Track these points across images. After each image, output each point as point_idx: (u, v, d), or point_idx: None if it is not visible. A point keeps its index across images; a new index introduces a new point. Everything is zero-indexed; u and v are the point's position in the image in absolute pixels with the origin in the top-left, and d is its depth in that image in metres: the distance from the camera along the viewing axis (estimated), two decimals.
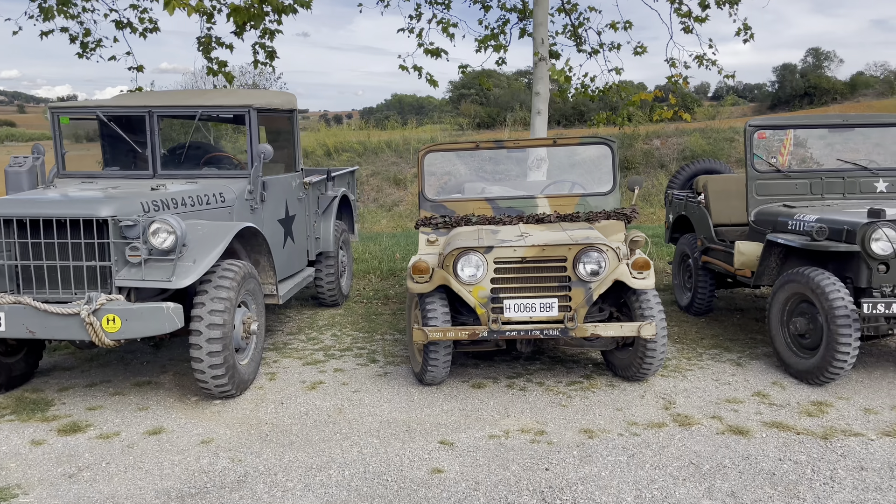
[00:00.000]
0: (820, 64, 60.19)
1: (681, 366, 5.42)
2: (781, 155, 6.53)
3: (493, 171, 6.65)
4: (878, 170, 5.78)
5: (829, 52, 64.56)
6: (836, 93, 51.76)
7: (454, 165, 6.22)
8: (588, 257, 4.68)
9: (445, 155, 6.00)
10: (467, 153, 6.07)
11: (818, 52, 61.18)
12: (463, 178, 6.26)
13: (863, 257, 4.69)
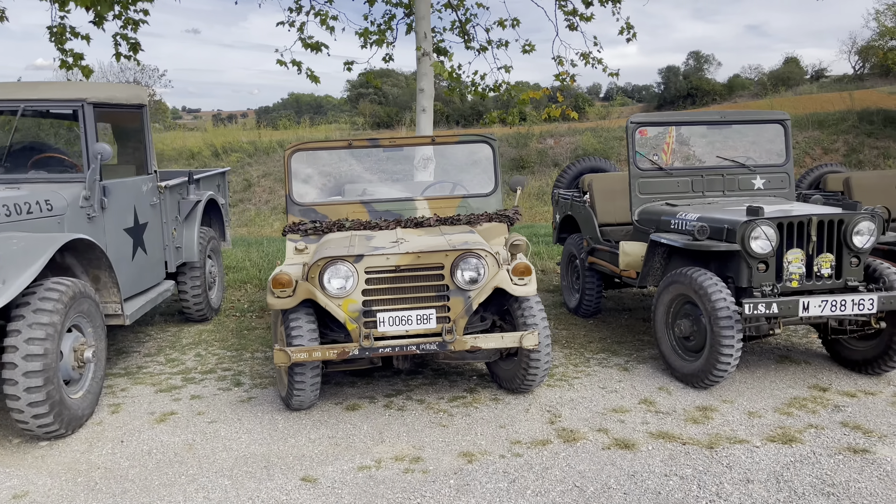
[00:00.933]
0: (700, 66, 63.65)
1: (568, 374, 5.18)
2: (665, 153, 6.47)
3: (381, 172, 6.20)
4: (756, 167, 5.79)
5: (709, 55, 68.43)
6: (715, 94, 54.75)
7: (335, 166, 5.72)
8: (466, 264, 4.33)
9: (323, 155, 5.50)
10: (347, 152, 5.58)
11: (699, 56, 64.70)
12: (344, 180, 5.78)
13: (743, 256, 4.59)
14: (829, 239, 4.67)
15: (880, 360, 4.84)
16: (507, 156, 27.80)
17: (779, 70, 55.59)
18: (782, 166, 5.81)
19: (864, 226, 4.63)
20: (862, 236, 4.63)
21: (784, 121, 5.83)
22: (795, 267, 4.65)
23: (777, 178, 5.79)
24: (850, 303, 4.47)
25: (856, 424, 4.14)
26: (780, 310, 4.42)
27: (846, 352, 5.11)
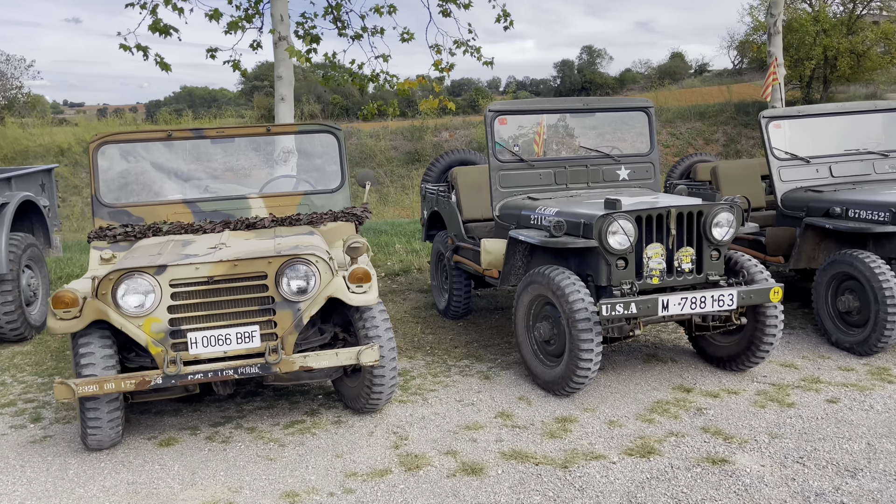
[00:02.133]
0: (593, 61, 65.43)
1: (425, 386, 4.72)
2: (536, 144, 6.13)
3: (210, 167, 5.47)
4: (620, 157, 5.53)
5: (601, 49, 70.49)
6: (608, 87, 56.33)
7: (152, 160, 4.98)
8: (293, 271, 3.76)
9: (137, 148, 4.76)
10: (166, 145, 4.86)
11: (591, 50, 66.45)
12: (164, 176, 5.04)
13: (601, 253, 4.27)
14: (688, 232, 4.43)
15: (744, 356, 4.66)
16: (401, 149, 27.30)
17: (666, 64, 57.81)
18: (647, 156, 5.58)
19: (724, 217, 4.41)
20: (721, 228, 4.42)
21: (647, 108, 5.60)
22: (656, 262, 4.38)
23: (642, 169, 5.56)
24: (709, 299, 4.23)
25: (717, 429, 3.89)
26: (639, 309, 4.12)
27: (711, 348, 4.92)
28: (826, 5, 24.88)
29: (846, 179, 5.84)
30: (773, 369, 4.81)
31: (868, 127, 6.16)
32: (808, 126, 6.04)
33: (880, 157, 5.94)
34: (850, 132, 6.11)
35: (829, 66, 24.08)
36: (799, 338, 5.48)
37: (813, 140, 6.01)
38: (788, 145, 5.92)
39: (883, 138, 6.14)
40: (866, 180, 5.87)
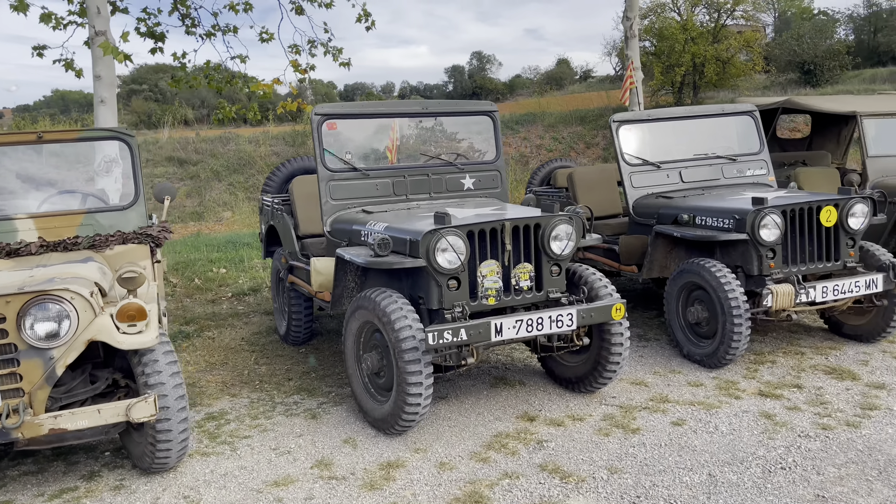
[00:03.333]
0: (483, 66, 66.37)
1: (240, 430, 4.09)
2: (390, 151, 5.62)
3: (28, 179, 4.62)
4: (464, 165, 5.12)
5: (490, 55, 71.65)
6: (498, 92, 57.16)
7: None
8: (41, 312, 3.05)
9: None
10: None
11: (481, 56, 67.50)
12: None
13: (430, 273, 3.81)
14: (526, 246, 4.05)
15: (592, 377, 4.35)
16: (283, 155, 26.15)
17: (552, 70, 59.31)
18: (493, 163, 5.21)
19: (562, 230, 4.07)
20: (560, 241, 4.07)
21: (491, 113, 5.23)
22: (491, 281, 3.96)
23: (488, 177, 5.17)
24: (546, 321, 3.86)
25: (555, 466, 3.51)
26: (470, 335, 3.68)
27: (560, 369, 4.58)
28: (693, 14, 26.05)
29: (696, 185, 5.71)
30: (622, 388, 4.53)
31: (720, 131, 6.08)
32: (659, 130, 5.88)
33: (729, 162, 5.86)
34: (702, 136, 6.00)
35: (697, 73, 25.18)
36: (653, 350, 5.27)
37: (664, 145, 5.85)
38: (639, 150, 5.73)
39: (734, 142, 6.07)
40: (716, 185, 5.77)
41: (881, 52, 40.49)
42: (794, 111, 7.35)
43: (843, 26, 48.75)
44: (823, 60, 33.44)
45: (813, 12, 51.26)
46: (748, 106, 6.08)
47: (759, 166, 5.95)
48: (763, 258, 4.69)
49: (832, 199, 4.80)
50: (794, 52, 34.62)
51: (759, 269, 4.72)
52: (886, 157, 6.16)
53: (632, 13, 8.02)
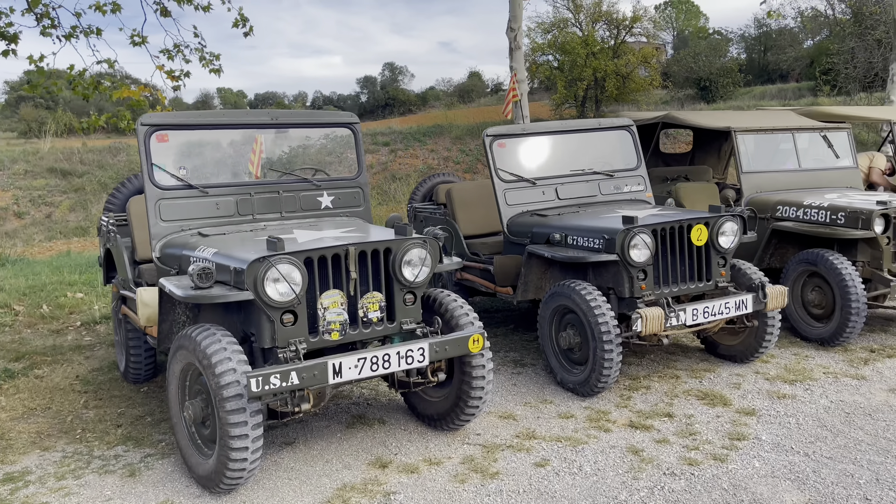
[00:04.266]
0: (395, 77, 66.24)
1: (35, 497, 3.46)
2: (252, 164, 5.10)
3: None
4: (323, 181, 4.68)
5: (403, 67, 71.61)
6: (411, 104, 57.03)
7: None
8: None
9: None
10: None
11: (393, 67, 67.36)
12: None
13: (260, 307, 3.34)
14: (375, 273, 3.65)
15: (454, 414, 3.98)
16: None
17: (464, 83, 59.77)
18: (354, 179, 4.79)
19: (415, 254, 3.68)
20: (413, 267, 3.68)
21: (352, 125, 4.82)
22: (334, 314, 3.53)
23: (349, 195, 4.74)
24: (395, 357, 3.46)
25: None
26: (303, 379, 3.23)
27: (422, 405, 4.20)
28: (594, 30, 26.68)
29: (572, 202, 5.49)
30: (489, 424, 4.18)
31: (598, 146, 5.89)
32: (535, 145, 5.63)
33: (606, 178, 5.68)
34: (579, 151, 5.80)
35: (599, 87, 25.80)
36: (528, 378, 4.98)
37: (540, 160, 5.61)
38: (514, 166, 5.46)
39: (612, 157, 5.90)
40: (593, 202, 5.57)
41: (770, 70, 43.03)
42: (674, 126, 7.33)
43: (736, 45, 51.69)
44: (718, 77, 35.13)
45: (708, 31, 54.11)
46: (625, 120, 5.94)
47: (637, 182, 5.80)
48: (634, 280, 4.48)
49: (702, 218, 4.65)
50: (691, 69, 36.23)
51: (630, 291, 4.50)
52: (761, 173, 6.17)
53: (515, 24, 7.83)
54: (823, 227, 5.42)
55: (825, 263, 5.24)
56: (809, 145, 6.52)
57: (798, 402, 4.35)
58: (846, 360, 5.04)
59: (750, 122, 6.42)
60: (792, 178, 6.27)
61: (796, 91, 33.74)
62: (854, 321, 5.10)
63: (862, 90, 24.94)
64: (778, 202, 5.87)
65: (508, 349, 5.62)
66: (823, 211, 5.50)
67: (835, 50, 24.71)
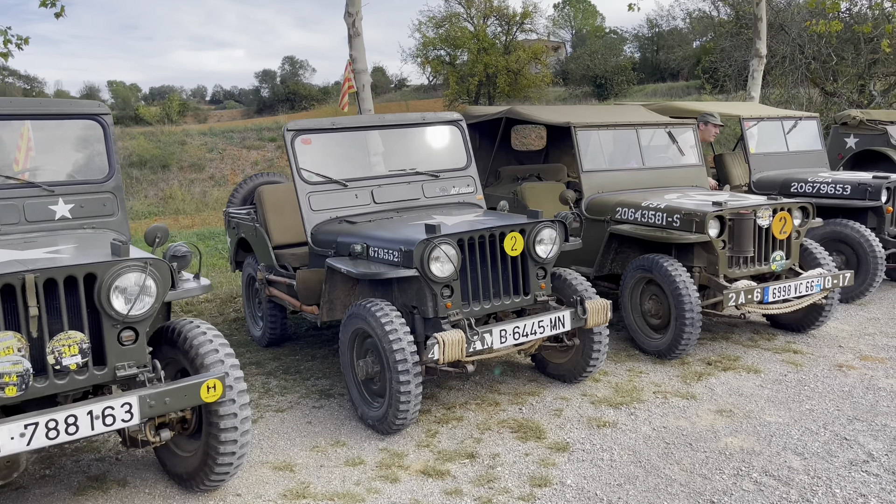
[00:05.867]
0: (296, 72, 64.38)
1: None
2: (17, 162, 4.14)
3: None
4: (56, 184, 3.81)
5: (304, 60, 69.67)
6: (312, 98, 55.47)
7: None
8: None
9: None
10: None
11: (294, 61, 65.45)
12: None
13: None
14: (74, 306, 2.85)
15: (203, 474, 3.23)
16: None
17: None
18: (101, 182, 3.94)
19: (130, 280, 2.91)
20: (128, 298, 2.91)
21: (99, 116, 3.96)
22: (7, 364, 2.71)
23: (94, 202, 3.89)
24: (84, 419, 2.68)
25: None
26: None
27: (172, 461, 3.43)
28: (485, 25, 26.39)
29: (391, 206, 4.84)
30: (257, 478, 3.47)
31: (423, 143, 5.28)
32: (348, 142, 4.95)
33: (431, 179, 5.07)
34: (402, 149, 5.16)
35: (491, 84, 25.52)
36: (328, 413, 4.30)
37: (354, 159, 4.94)
38: (322, 165, 4.75)
39: (440, 156, 5.29)
40: (415, 206, 4.94)
41: (662, 69, 44.44)
42: (518, 121, 6.83)
43: (631, 44, 53.23)
44: (613, 75, 35.81)
45: (605, 31, 55.42)
46: (454, 115, 5.35)
47: (466, 183, 5.22)
48: (438, 297, 3.87)
49: (517, 225, 4.10)
50: (587, 68, 36.76)
51: (434, 311, 3.89)
52: (602, 172, 5.74)
53: (353, 8, 7.11)
54: (659, 231, 5.02)
55: (659, 270, 4.84)
56: (655, 142, 6.16)
57: (618, 431, 3.87)
58: (680, 376, 4.65)
59: (592, 117, 5.99)
60: (635, 178, 5.88)
61: (685, 89, 34.87)
62: (689, 332, 4.72)
63: (742, 88, 25.88)
64: (617, 203, 5.44)
65: (320, 376, 4.92)
66: (660, 213, 5.10)
67: (713, 49, 25.48)
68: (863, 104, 17.80)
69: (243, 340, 5.85)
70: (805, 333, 5.43)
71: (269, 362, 5.25)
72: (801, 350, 5.08)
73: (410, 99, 38.46)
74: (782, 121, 7.30)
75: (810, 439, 3.68)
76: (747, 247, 4.89)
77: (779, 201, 5.05)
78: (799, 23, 17.76)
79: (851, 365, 4.75)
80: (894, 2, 14.44)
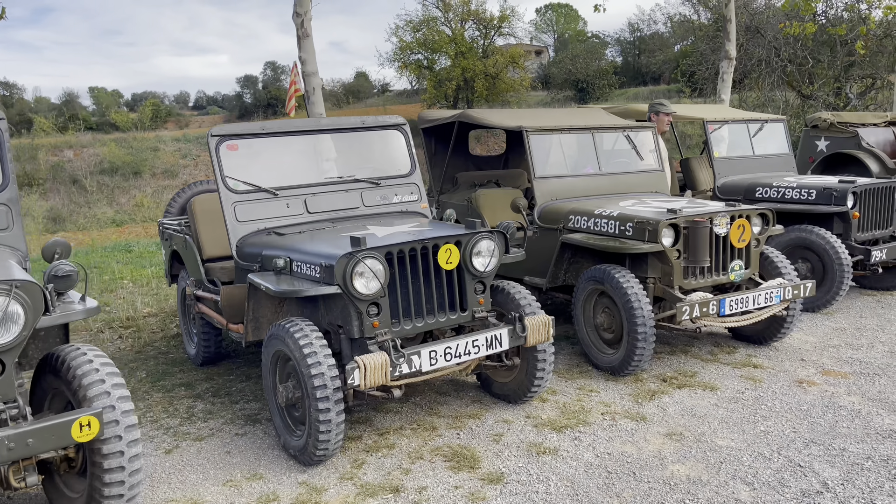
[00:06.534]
0: (277, 77, 64.00)
1: None
2: None
3: None
4: None
5: (285, 66, 69.18)
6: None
7: None
8: None
9: None
10: None
11: (275, 66, 65.06)
12: None
13: None
14: None
15: None
16: None
17: (351, 83, 58.47)
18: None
19: None
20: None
21: None
22: None
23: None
24: None
25: None
26: None
27: (59, 500, 3.10)
28: (463, 29, 26.17)
29: (325, 216, 4.54)
30: None
31: (364, 148, 4.99)
32: (279, 148, 4.64)
33: (371, 186, 4.77)
34: (340, 155, 4.87)
35: (469, 88, 25.28)
36: (251, 441, 3.98)
37: (286, 166, 4.64)
38: (250, 173, 4.45)
39: (382, 162, 5.00)
40: (354, 215, 4.65)
41: (644, 73, 44.47)
42: (472, 126, 6.55)
43: (612, 48, 53.34)
44: (594, 79, 35.76)
45: (587, 35, 55.50)
46: (397, 118, 5.06)
47: (410, 191, 4.93)
48: (363, 316, 3.58)
49: (452, 236, 3.81)
50: (569, 72, 36.68)
51: (360, 331, 3.60)
52: (556, 178, 5.47)
53: (301, 8, 6.80)
54: (611, 240, 4.75)
55: (611, 281, 4.57)
56: (613, 146, 5.91)
57: (559, 458, 3.59)
58: (632, 395, 4.38)
59: (546, 121, 5.72)
60: (591, 184, 5.62)
61: (666, 92, 34.84)
62: (642, 348, 4.45)
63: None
64: (570, 211, 5.18)
65: (251, 399, 4.60)
66: (613, 221, 4.84)
67: (690, 52, 25.43)
68: (839, 107, 17.74)
69: (179, 359, 5.53)
70: (767, 346, 5.18)
71: (200, 383, 4.93)
72: (761, 364, 4.82)
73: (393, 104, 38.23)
74: (748, 123, 7.07)
75: (762, 466, 3.42)
76: (703, 256, 4.63)
77: (737, 208, 4.81)
78: (774, 25, 17.66)
79: (812, 381, 4.50)
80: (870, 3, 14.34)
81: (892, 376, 4.52)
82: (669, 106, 6.58)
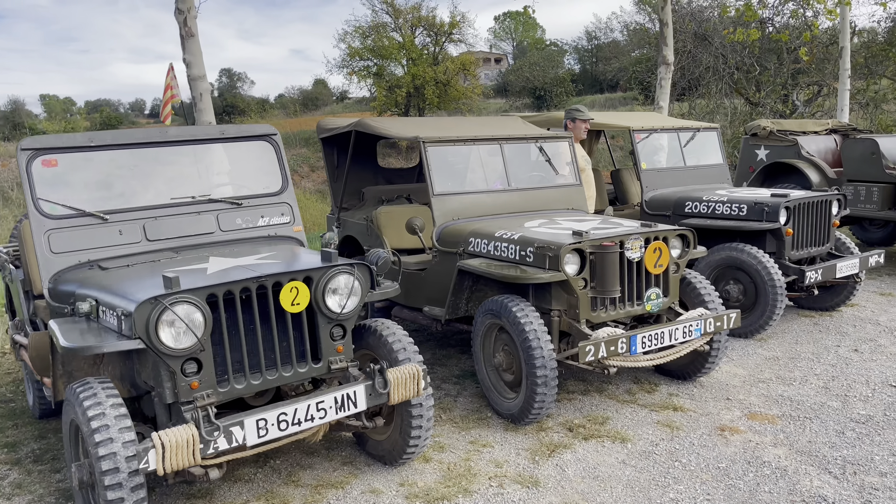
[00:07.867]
0: (234, 84, 62.83)
1: None
2: None
3: None
4: None
5: (242, 73, 68.02)
6: (250, 111, 54.13)
7: None
8: None
9: None
10: None
11: (231, 73, 63.85)
12: None
13: None
14: None
15: None
16: None
17: (309, 91, 57.55)
18: None
19: None
20: None
21: None
22: None
23: None
24: None
25: None
26: None
27: None
28: (413, 36, 25.57)
29: (165, 244, 3.81)
30: None
31: (224, 161, 4.29)
32: (111, 162, 3.90)
33: (229, 207, 4.06)
34: (192, 171, 4.16)
35: (419, 95, 24.65)
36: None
37: (118, 184, 3.90)
38: (74, 193, 3.71)
39: (246, 178, 4.29)
40: (208, 242, 3.93)
41: (601, 81, 44.49)
42: (375, 137, 5.88)
43: (570, 56, 53.40)
44: (552, 87, 35.48)
45: (546, 43, 55.50)
46: (266, 128, 4.37)
47: (281, 212, 4.23)
48: (177, 375, 2.87)
49: (299, 272, 3.13)
50: (527, 79, 36.36)
51: (174, 394, 2.89)
52: (456, 195, 4.82)
53: (184, 5, 6.07)
54: (510, 267, 4.12)
55: (508, 315, 3.94)
56: (526, 159, 5.28)
57: None
58: (530, 450, 3.74)
59: (447, 130, 5.08)
60: (500, 201, 4.98)
61: (622, 100, 34.77)
62: (542, 393, 3.82)
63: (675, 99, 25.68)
64: (471, 233, 4.54)
65: None
66: (513, 245, 4.21)
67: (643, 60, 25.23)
68: (786, 114, 17.56)
69: (20, 409, 4.73)
70: (692, 381, 4.61)
71: (28, 443, 4.15)
72: (682, 406, 4.24)
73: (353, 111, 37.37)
74: (678, 132, 6.54)
75: None
76: (613, 285, 4.02)
77: (652, 229, 4.22)
78: (720, 31, 17.42)
79: (736, 427, 3.92)
80: (810, 7, 14.11)
81: (823, 420, 3.97)
82: (586, 112, 6.01)
